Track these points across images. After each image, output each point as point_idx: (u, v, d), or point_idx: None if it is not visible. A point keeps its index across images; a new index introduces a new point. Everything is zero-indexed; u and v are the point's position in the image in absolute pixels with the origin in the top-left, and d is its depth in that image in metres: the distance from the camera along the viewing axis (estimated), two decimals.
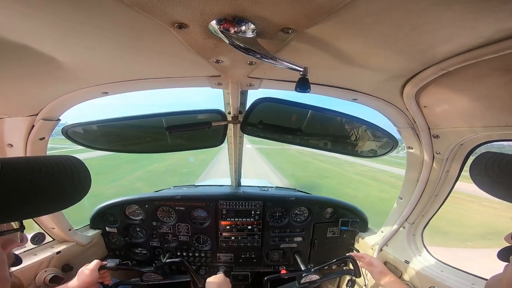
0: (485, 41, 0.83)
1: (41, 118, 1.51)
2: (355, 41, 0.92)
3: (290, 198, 2.52)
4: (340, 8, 0.69)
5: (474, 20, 0.72)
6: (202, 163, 33.13)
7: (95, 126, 1.94)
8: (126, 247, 2.53)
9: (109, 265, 1.85)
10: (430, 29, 0.80)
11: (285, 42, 0.92)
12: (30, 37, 0.87)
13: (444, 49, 0.93)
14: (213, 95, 3.14)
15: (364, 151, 2.20)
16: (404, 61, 1.08)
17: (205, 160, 34.88)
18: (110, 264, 1.85)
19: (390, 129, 1.83)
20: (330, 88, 1.51)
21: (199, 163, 33.04)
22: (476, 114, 1.27)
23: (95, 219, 2.44)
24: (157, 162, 32.44)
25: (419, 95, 1.36)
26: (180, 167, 30.94)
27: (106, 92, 1.51)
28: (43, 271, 1.84)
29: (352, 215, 2.57)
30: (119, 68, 1.26)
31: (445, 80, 1.15)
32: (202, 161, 34.44)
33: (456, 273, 1.73)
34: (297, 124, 1.90)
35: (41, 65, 1.06)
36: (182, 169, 29.94)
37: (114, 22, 0.80)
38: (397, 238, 2.11)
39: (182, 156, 36.36)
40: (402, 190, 1.99)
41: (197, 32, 0.85)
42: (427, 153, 1.67)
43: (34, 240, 1.89)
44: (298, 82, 0.93)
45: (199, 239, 2.56)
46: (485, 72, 1.00)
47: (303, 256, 2.61)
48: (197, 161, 35.30)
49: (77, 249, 2.15)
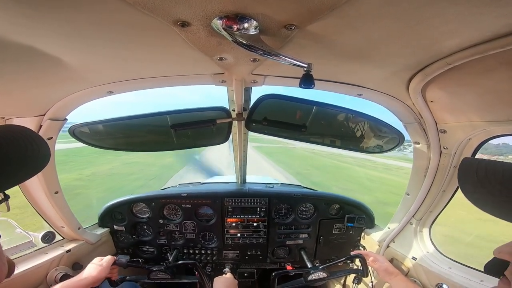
0: (492, 35, 0.82)
1: (48, 118, 1.54)
2: (359, 36, 0.91)
3: (295, 194, 2.52)
4: (344, 2, 0.68)
5: (479, 14, 0.71)
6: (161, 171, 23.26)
7: (101, 125, 1.96)
8: (134, 245, 2.56)
9: (120, 261, 1.87)
10: (435, 23, 0.78)
11: (288, 39, 0.92)
12: (37, 39, 0.88)
13: (450, 43, 0.92)
14: (214, 95, 3.14)
15: (369, 147, 2.18)
16: (409, 56, 1.06)
17: (169, 167, 25.42)
18: (121, 261, 1.87)
19: (396, 124, 1.81)
20: (335, 84, 1.50)
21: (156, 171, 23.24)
22: (484, 108, 1.25)
23: (104, 217, 2.48)
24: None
25: (425, 90, 1.34)
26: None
27: (111, 92, 1.52)
28: (53, 270, 1.88)
29: (358, 212, 2.56)
30: (123, 68, 1.27)
31: (452, 75, 1.12)
32: (163, 167, 24.98)
33: (464, 270, 1.71)
34: (302, 121, 1.89)
35: (48, 66, 1.08)
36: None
37: (117, 22, 0.80)
38: (404, 234, 2.10)
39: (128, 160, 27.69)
40: (409, 186, 1.97)
41: (200, 30, 0.85)
42: (434, 148, 1.65)
43: (44, 239, 1.93)
44: (302, 78, 0.92)
45: (205, 236, 2.58)
46: (492, 66, 0.98)
47: (309, 252, 2.61)
48: (152, 167, 24.96)
49: (87, 248, 2.19)
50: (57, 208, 1.87)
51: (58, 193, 1.83)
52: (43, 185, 1.73)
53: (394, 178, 25.92)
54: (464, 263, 1.75)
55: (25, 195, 1.79)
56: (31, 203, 1.84)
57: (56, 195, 1.82)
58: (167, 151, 2.47)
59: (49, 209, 1.87)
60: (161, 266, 1.98)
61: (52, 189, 1.79)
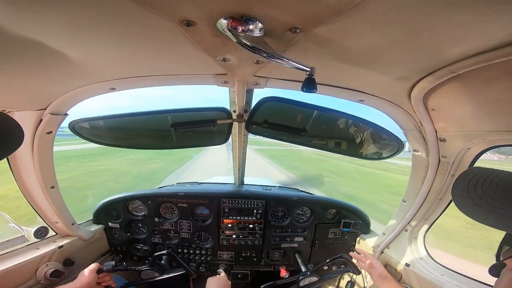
0: (497, 44, 0.82)
1: (49, 112, 1.53)
2: (364, 41, 0.91)
3: (292, 198, 2.52)
4: (350, 8, 0.68)
5: (485, 22, 0.71)
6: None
7: (101, 121, 1.95)
8: (128, 242, 2.55)
9: (105, 268, 1.85)
10: (441, 31, 0.78)
11: (292, 42, 0.92)
12: (42, 34, 0.87)
13: (454, 51, 0.92)
14: (215, 98, 3.11)
15: (369, 153, 2.19)
16: (413, 63, 1.06)
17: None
18: (107, 267, 1.85)
19: (395, 132, 1.81)
20: (337, 89, 1.50)
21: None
22: (485, 118, 1.25)
23: (99, 214, 2.47)
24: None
25: (427, 98, 1.34)
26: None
27: (114, 88, 1.52)
28: (44, 265, 1.85)
29: (355, 217, 2.56)
30: (126, 65, 1.26)
31: (454, 83, 1.13)
32: (138, 178, 20.08)
33: (456, 277, 1.71)
34: (302, 124, 1.89)
35: (52, 61, 1.07)
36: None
37: (123, 19, 0.80)
38: (399, 240, 2.10)
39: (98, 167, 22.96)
40: (406, 193, 1.97)
41: (205, 30, 0.85)
42: (433, 157, 1.66)
43: (37, 234, 1.90)
44: (304, 82, 0.92)
45: (201, 236, 2.57)
46: (495, 75, 0.98)
47: (303, 256, 2.60)
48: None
49: (80, 244, 2.17)
50: (52, 203, 1.85)
51: (54, 187, 1.82)
52: (39, 179, 1.72)
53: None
54: (456, 271, 1.75)
55: (20, 188, 1.78)
56: (26, 196, 1.82)
57: (52, 189, 1.81)
58: (166, 149, 2.47)
59: (44, 204, 1.85)
60: (145, 265, 1.98)
61: (48, 184, 1.77)
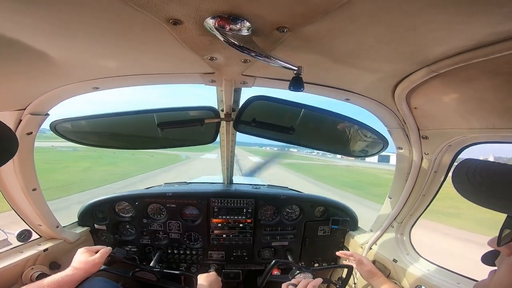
0: (476, 44, 0.85)
1: (29, 112, 1.47)
2: (350, 41, 0.93)
3: (281, 196, 2.53)
4: (337, 7, 0.70)
5: (467, 23, 0.74)
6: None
7: (84, 121, 1.90)
8: (115, 244, 2.49)
9: (116, 255, 1.78)
10: (424, 31, 0.81)
11: (280, 41, 0.92)
12: (20, 32, 0.85)
13: (436, 51, 0.95)
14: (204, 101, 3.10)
15: (355, 150, 2.23)
16: (396, 62, 1.09)
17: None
18: (118, 255, 1.79)
19: (381, 130, 1.86)
20: (324, 88, 1.52)
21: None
22: (465, 116, 1.30)
23: (84, 216, 2.40)
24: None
25: (410, 96, 1.38)
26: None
27: (97, 87, 1.48)
28: (29, 269, 1.79)
29: (343, 214, 2.60)
30: (110, 64, 1.24)
31: (436, 82, 1.17)
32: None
33: (442, 272, 1.76)
34: (290, 123, 1.91)
35: (31, 59, 1.04)
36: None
37: (108, 17, 0.78)
38: (386, 237, 2.15)
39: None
40: (392, 190, 2.03)
41: (192, 29, 0.84)
42: (416, 154, 1.71)
43: (20, 237, 1.84)
44: (292, 81, 0.94)
45: (190, 236, 2.55)
46: (475, 75, 1.02)
47: (294, 254, 2.62)
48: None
49: (65, 247, 2.11)
50: (35, 206, 1.79)
51: (36, 190, 1.76)
52: (20, 182, 1.65)
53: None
54: (442, 266, 1.81)
55: (2, 191, 1.71)
56: (7, 199, 1.75)
57: (34, 192, 1.75)
58: (152, 149, 2.42)
59: (26, 207, 1.79)
60: (153, 267, 1.92)
61: (30, 186, 1.71)
